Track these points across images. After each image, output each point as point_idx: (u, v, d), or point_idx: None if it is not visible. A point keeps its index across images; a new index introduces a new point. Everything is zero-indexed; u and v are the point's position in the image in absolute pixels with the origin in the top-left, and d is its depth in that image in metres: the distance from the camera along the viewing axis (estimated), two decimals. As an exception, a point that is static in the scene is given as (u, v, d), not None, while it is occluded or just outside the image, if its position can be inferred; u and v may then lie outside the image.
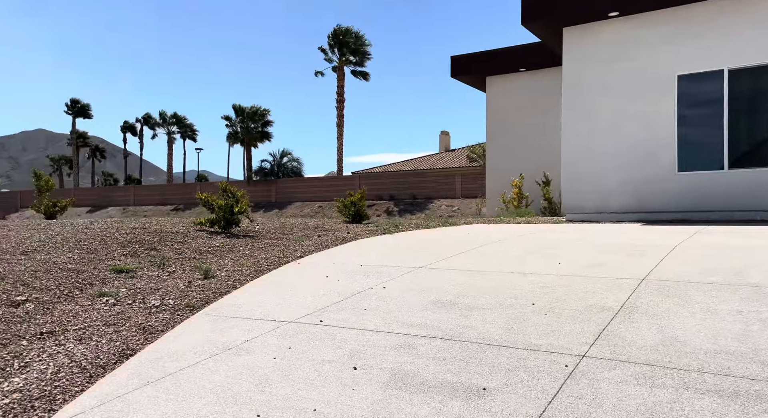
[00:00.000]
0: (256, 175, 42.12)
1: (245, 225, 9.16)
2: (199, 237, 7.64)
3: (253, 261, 6.38)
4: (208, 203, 8.40)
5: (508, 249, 6.63)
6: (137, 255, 6.25)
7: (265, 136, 43.53)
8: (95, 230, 7.33)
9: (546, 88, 15.31)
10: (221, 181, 8.80)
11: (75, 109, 55.88)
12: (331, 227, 10.49)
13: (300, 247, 7.48)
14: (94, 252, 6.09)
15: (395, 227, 9.75)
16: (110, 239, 6.76)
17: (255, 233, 8.77)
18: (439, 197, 34.96)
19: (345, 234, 8.91)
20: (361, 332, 3.75)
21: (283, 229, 9.60)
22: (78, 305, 4.44)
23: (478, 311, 4.02)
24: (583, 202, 10.75)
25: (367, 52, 40.18)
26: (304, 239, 8.29)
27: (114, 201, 43.59)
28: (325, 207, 35.75)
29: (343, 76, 39.82)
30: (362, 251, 7.22)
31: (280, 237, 8.46)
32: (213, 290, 5.07)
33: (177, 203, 41.11)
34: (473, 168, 36.10)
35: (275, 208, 37.18)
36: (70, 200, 9.79)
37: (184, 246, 7.00)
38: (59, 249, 5.99)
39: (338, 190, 36.55)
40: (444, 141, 50.48)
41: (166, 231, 7.71)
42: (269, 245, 7.62)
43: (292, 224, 10.76)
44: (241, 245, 7.45)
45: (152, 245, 6.77)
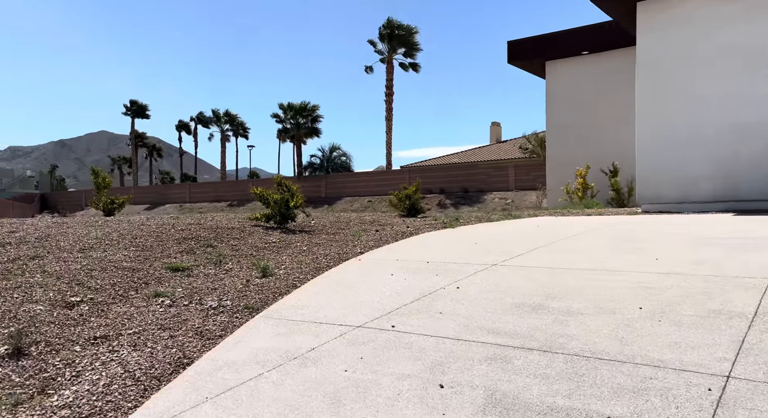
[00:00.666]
0: (306, 171, 42.34)
1: (301, 220, 8.86)
2: (255, 233, 7.37)
3: (311, 258, 6.03)
4: (264, 198, 8.13)
5: (590, 243, 5.99)
6: (193, 252, 6.01)
7: (314, 132, 43.67)
8: (151, 226, 7.18)
9: (613, 70, 14.31)
10: (276, 175, 8.52)
11: (133, 109, 57.94)
12: (387, 221, 10.05)
13: (359, 242, 7.08)
14: (149, 249, 5.88)
15: (456, 220, 9.22)
16: (166, 236, 6.56)
17: (311, 228, 8.45)
18: (491, 190, 34.00)
19: (404, 228, 8.45)
20: (440, 340, 3.28)
21: (339, 223, 9.24)
22: (133, 307, 4.17)
23: (576, 317, 3.46)
24: (661, 191, 9.86)
25: (416, 44, 39.54)
26: (362, 234, 7.89)
27: (171, 198, 44.90)
28: (374, 202, 35.49)
29: (392, 69, 39.35)
30: (425, 246, 6.74)
31: (336, 232, 8.10)
32: (272, 289, 4.73)
33: (231, 200, 41.90)
34: (527, 159, 34.91)
35: (325, 203, 37.24)
36: (128, 197, 9.80)
37: (240, 242, 6.73)
38: (115, 247, 5.81)
39: (388, 185, 36.19)
40: (495, 132, 49.22)
41: (222, 227, 7.48)
42: (326, 240, 7.26)
43: (347, 218, 10.40)
44: (298, 240, 7.12)
45: (208, 242, 6.53)
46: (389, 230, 8.44)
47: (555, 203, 15.65)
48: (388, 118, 40.10)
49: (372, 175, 39.35)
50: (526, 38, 16.29)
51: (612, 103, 14.74)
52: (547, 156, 16.98)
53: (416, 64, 40.23)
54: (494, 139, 48.12)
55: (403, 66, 40.14)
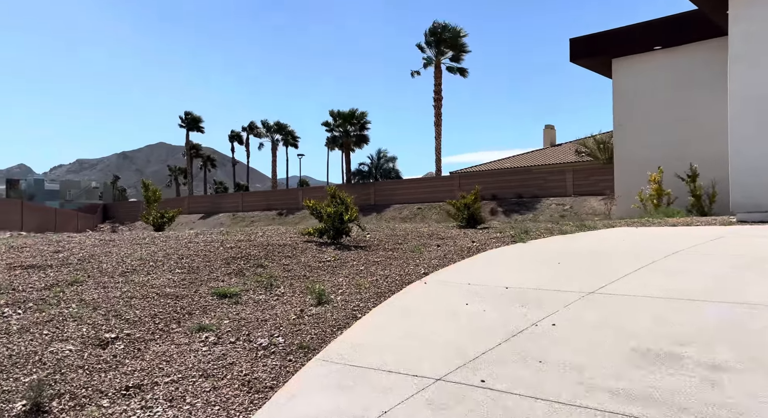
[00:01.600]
0: (355, 178, 42.07)
1: (355, 234, 8.25)
2: (308, 250, 6.80)
3: (371, 280, 5.37)
4: (316, 211, 7.57)
5: (702, 264, 5.05)
6: (242, 274, 5.48)
7: (363, 139, 43.39)
8: (199, 244, 6.73)
9: (692, 65, 13.06)
10: (329, 186, 7.96)
11: (188, 121, 59.57)
12: (447, 233, 9.31)
13: (421, 260, 6.38)
14: (195, 271, 5.39)
15: (525, 233, 8.37)
16: (214, 255, 6.08)
17: (366, 242, 7.82)
18: (547, 196, 32.58)
19: (467, 243, 7.69)
20: (551, 405, 2.52)
21: (396, 237, 8.57)
22: (173, 344, 3.63)
23: (730, 375, 2.63)
24: (761, 198, 8.66)
25: (464, 47, 38.65)
26: (423, 250, 7.19)
27: (224, 208, 45.65)
28: (424, 209, 34.71)
29: (440, 73, 38.58)
30: (498, 266, 5.96)
31: (394, 247, 7.44)
32: (329, 321, 4.09)
33: (281, 208, 42.13)
34: (586, 163, 33.28)
35: (374, 211, 36.75)
36: (177, 211, 9.51)
37: (292, 261, 6.16)
38: (159, 269, 5.35)
39: (437, 192, 35.33)
40: (549, 136, 47.52)
41: (273, 244, 6.95)
42: (385, 257, 6.60)
43: (404, 230, 9.73)
44: (354, 258, 6.49)
45: (258, 261, 5.99)
46: (451, 244, 7.69)
47: (626, 211, 14.43)
48: (436, 124, 39.31)
49: (421, 182, 38.60)
50: (591, 35, 15.20)
51: (689, 100, 13.46)
52: (615, 160, 15.77)
53: (464, 69, 39.30)
54: (548, 143, 46.43)
55: (451, 70, 39.29)
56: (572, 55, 15.44)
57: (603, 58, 15.14)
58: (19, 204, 31.29)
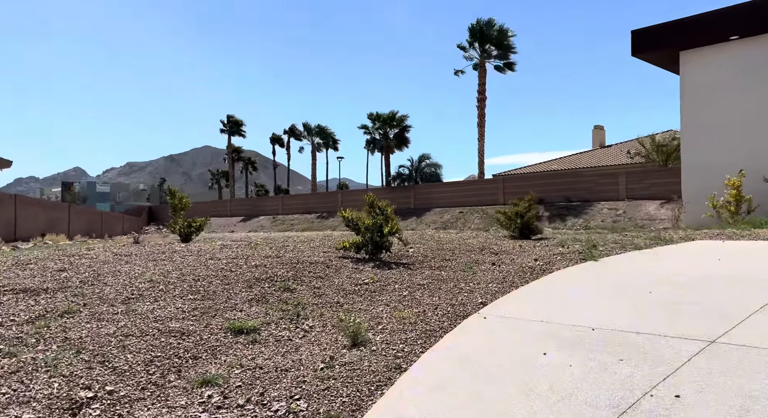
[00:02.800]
0: (394, 181, 41.24)
1: (396, 248, 7.34)
2: (343, 269, 5.93)
3: (416, 311, 4.44)
4: (352, 223, 6.70)
5: None
6: (265, 300, 4.65)
7: (403, 142, 42.53)
8: (220, 261, 5.96)
9: (777, 54, 11.56)
10: (367, 194, 7.07)
11: (229, 124, 60.12)
12: (500, 246, 8.28)
13: (475, 283, 5.41)
14: (211, 297, 4.59)
15: (593, 248, 7.26)
16: (235, 276, 5.28)
17: (409, 258, 6.89)
18: (598, 200, 30.82)
19: (528, 260, 6.65)
20: None
21: (443, 251, 7.61)
22: (166, 407, 2.80)
23: None
24: None
25: (510, 45, 37.22)
26: (475, 269, 6.21)
27: (264, 210, 45.61)
28: (466, 213, 33.42)
29: (484, 72, 37.26)
30: (574, 294, 4.93)
31: (442, 265, 6.48)
32: (365, 374, 3.19)
33: (320, 211, 41.68)
34: (640, 165, 31.36)
35: (414, 215, 35.74)
36: (204, 220, 8.84)
37: (324, 283, 5.30)
38: (170, 294, 4.58)
39: (480, 195, 34.00)
40: (598, 136, 45.42)
41: (303, 261, 6.11)
42: (432, 278, 5.66)
43: (450, 242, 8.75)
44: (396, 279, 5.58)
45: (285, 283, 5.16)
46: (508, 262, 6.68)
47: (696, 219, 12.98)
48: (480, 125, 38.00)
49: (463, 185, 37.38)
50: (656, 25, 13.81)
51: (773, 95, 11.96)
52: (682, 162, 14.30)
53: (511, 63, 37.83)
54: (597, 144, 44.36)
55: (497, 68, 37.91)
56: (634, 48, 14.09)
57: (669, 51, 13.74)
58: (66, 208, 31.81)
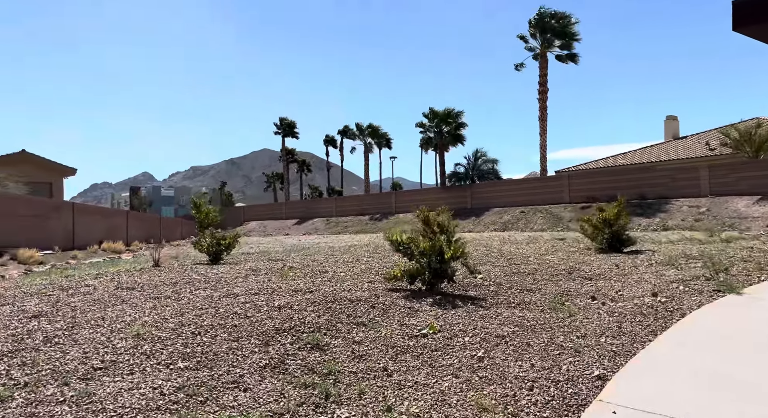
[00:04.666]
0: (450, 180, 39.49)
1: (461, 273, 5.86)
2: (392, 309, 4.52)
3: (501, 394, 2.98)
4: (404, 247, 5.28)
5: None
6: (284, 368, 3.31)
7: (459, 139, 40.61)
8: (238, 299, 4.69)
9: None
10: (420, 209, 5.59)
11: (283, 126, 60.13)
12: (590, 265, 6.65)
13: (578, 335, 3.88)
14: (210, 364, 3.30)
15: (724, 271, 5.51)
16: (249, 325, 3.98)
17: (478, 289, 5.41)
18: (676, 196, 27.94)
19: (640, 292, 5.01)
20: None
21: (519, 275, 6.07)
22: None
23: None
24: None
25: (574, 34, 34.67)
26: (570, 306, 4.66)
27: (318, 213, 45.00)
28: (528, 213, 31.21)
29: (546, 64, 34.87)
30: (742, 361, 3.29)
31: (523, 300, 4.96)
32: None
33: (374, 213, 40.55)
34: (725, 157, 28.22)
35: (471, 215, 33.87)
36: (234, 235, 7.69)
37: (367, 334, 3.92)
38: (155, 358, 3.34)
39: (543, 193, 31.68)
40: (671, 127, 41.84)
41: (342, 298, 4.74)
42: (513, 325, 4.17)
43: (525, 260, 7.17)
44: (464, 326, 4.13)
45: (315, 336, 3.81)
46: (612, 294, 5.06)
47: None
48: (541, 118, 35.64)
49: (524, 183, 35.16)
50: (765, -10, 11.55)
51: None
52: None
53: (574, 55, 35.26)
54: (670, 136, 40.82)
55: (560, 58, 35.41)
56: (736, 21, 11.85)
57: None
58: (124, 215, 32.20)
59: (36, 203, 21.68)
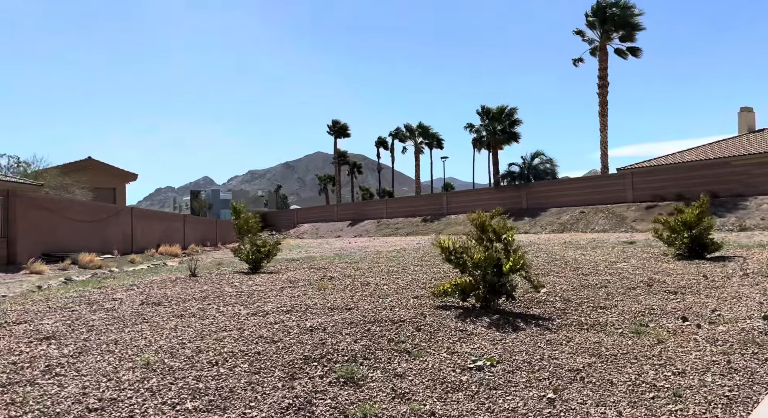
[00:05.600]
0: (504, 180, 38.19)
1: (521, 287, 5.14)
2: (441, 332, 3.89)
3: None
4: (455, 257, 4.63)
5: None
6: (310, 410, 2.75)
7: (513, 137, 39.27)
8: (267, 318, 4.17)
9: None
10: (474, 213, 4.91)
11: (335, 129, 60.42)
12: (672, 275, 5.76)
13: (673, 371, 3.11)
14: (224, 403, 2.79)
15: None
16: (275, 351, 3.46)
17: (542, 306, 4.68)
18: (754, 194, 25.73)
19: (743, 311, 4.15)
20: None
21: (589, 288, 5.28)
22: None
23: None
24: None
25: (637, 24, 32.73)
26: (657, 330, 3.87)
27: (369, 214, 44.75)
28: (588, 213, 29.64)
29: (605, 57, 33.09)
30: None
31: (597, 321, 4.20)
32: None
33: (425, 214, 39.84)
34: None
35: (526, 215, 32.54)
36: (274, 243, 7.25)
37: (411, 365, 3.31)
38: (160, 396, 2.85)
39: (604, 192, 29.98)
40: (746, 120, 38.81)
41: (383, 318, 4.14)
42: (589, 353, 3.45)
43: (594, 268, 6.34)
44: (528, 355, 3.44)
45: (349, 366, 3.24)
46: (705, 313, 4.22)
47: None
48: (602, 114, 33.85)
49: (583, 182, 33.47)
50: None
51: None
52: None
53: (636, 48, 33.29)
54: (745, 129, 37.84)
55: (620, 52, 33.54)
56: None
57: None
58: (181, 219, 32.94)
59: (97, 209, 22.36)
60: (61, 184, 29.54)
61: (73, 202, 22.66)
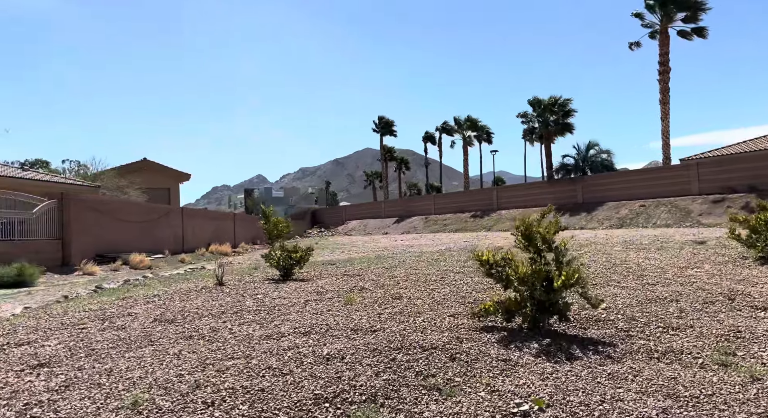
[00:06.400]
0: (557, 173, 36.64)
1: (576, 303, 4.45)
2: (480, 363, 3.29)
3: None
4: (497, 270, 4.00)
5: None
6: (311, 470, 2.25)
7: (566, 129, 37.59)
8: (281, 342, 3.70)
9: None
10: (521, 217, 4.25)
11: (381, 125, 60.05)
12: (756, 285, 4.91)
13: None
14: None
15: None
16: (282, 386, 2.97)
17: (601, 326, 3.99)
18: (840, 184, 23.50)
19: None
20: None
21: (658, 305, 4.53)
22: None
23: None
24: None
25: (702, 3, 30.50)
26: (748, 359, 3.14)
27: (417, 211, 44.13)
28: (648, 206, 27.87)
29: (667, 40, 31.03)
30: None
31: (670, 347, 3.49)
32: None
33: (474, 210, 38.82)
34: None
35: (582, 210, 31.01)
36: (306, 249, 6.80)
37: (441, 405, 2.75)
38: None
39: (667, 185, 28.12)
40: (827, 102, 35.52)
41: (411, 344, 3.58)
42: (662, 394, 2.78)
43: (661, 276, 5.54)
44: (584, 396, 2.81)
45: (366, 408, 2.71)
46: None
47: None
48: (663, 101, 31.79)
49: (643, 174, 31.56)
50: None
51: None
52: None
53: (701, 29, 31.02)
54: (827, 112, 34.65)
55: (684, 34, 31.35)
56: None
57: None
58: (231, 217, 33.46)
59: (148, 209, 22.84)
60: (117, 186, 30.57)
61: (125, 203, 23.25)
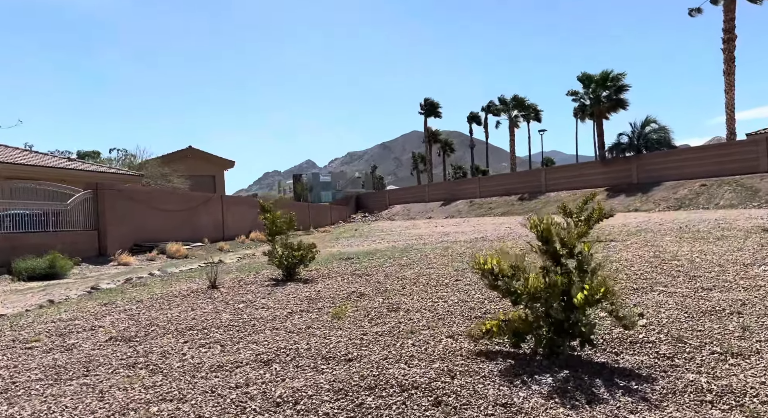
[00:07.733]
0: (611, 152, 34.56)
1: (608, 321, 3.58)
2: (472, 408, 2.54)
3: None
4: (504, 282, 3.20)
5: None
6: None
7: (620, 104, 35.28)
8: (232, 379, 3.05)
9: None
10: (545, 219, 3.42)
11: (426, 107, 58.78)
12: None
13: None
14: None
15: None
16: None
17: (637, 352, 3.14)
18: None
19: None
20: None
21: (713, 319, 3.62)
22: None
23: None
24: None
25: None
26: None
27: (462, 194, 42.99)
28: (710, 186, 25.72)
29: (733, 4, 28.36)
30: None
31: (728, 388, 2.62)
32: None
33: (521, 192, 37.33)
34: None
35: (637, 191, 29.09)
36: (308, 247, 6.15)
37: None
38: None
39: (730, 162, 25.86)
40: None
41: (387, 382, 2.84)
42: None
43: (721, 283, 4.56)
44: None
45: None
46: None
47: None
48: (727, 72, 29.23)
49: (705, 151, 29.28)
50: None
51: None
52: None
53: (772, -12, 28.15)
54: None
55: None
56: None
57: None
58: (272, 204, 33.29)
59: (186, 198, 22.84)
60: (161, 174, 31.02)
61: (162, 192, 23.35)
